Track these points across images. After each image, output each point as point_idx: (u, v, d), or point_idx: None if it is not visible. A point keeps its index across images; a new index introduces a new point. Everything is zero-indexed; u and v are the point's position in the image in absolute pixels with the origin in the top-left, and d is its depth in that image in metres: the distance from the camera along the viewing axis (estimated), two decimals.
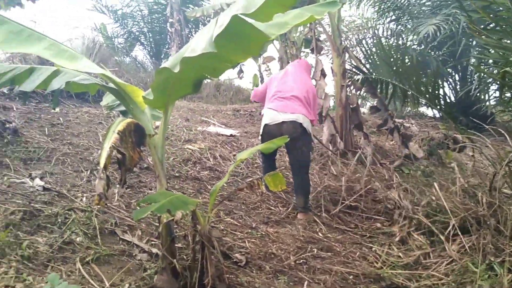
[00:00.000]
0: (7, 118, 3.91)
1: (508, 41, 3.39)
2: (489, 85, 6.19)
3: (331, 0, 2.51)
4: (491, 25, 3.83)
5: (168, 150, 4.43)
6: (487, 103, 6.89)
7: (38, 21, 9.74)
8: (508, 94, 4.22)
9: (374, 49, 6.10)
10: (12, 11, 4.14)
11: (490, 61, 5.00)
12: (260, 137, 3.92)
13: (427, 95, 4.89)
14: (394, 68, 5.42)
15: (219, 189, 2.53)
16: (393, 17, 9.52)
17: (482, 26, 3.87)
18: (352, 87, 5.40)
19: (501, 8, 3.44)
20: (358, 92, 5.70)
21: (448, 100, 7.95)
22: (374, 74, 5.59)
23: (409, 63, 6.08)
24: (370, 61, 5.91)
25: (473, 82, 6.79)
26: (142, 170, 3.86)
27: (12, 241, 2.32)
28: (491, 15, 3.49)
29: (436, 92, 5.36)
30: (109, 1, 11.19)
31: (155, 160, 2.27)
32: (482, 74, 5.94)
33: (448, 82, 8.38)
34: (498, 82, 4.24)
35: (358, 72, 5.68)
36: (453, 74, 8.45)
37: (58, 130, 4.23)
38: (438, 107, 5.42)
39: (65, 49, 2.00)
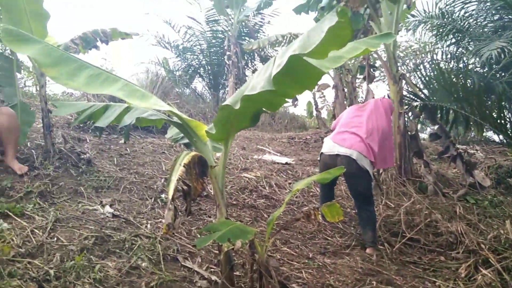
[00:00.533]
0: (82, 150, 4.27)
1: None
2: None
3: (386, 32, 2.55)
4: None
5: (226, 178, 4.57)
6: None
7: (108, 58, 10.63)
8: None
9: (432, 74, 5.94)
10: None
11: None
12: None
13: (492, 121, 4.65)
14: (455, 93, 5.24)
15: (276, 218, 2.58)
16: (453, 40, 9.24)
17: None
18: (410, 114, 5.28)
19: None
20: (417, 118, 5.55)
21: None
22: (433, 100, 5.43)
23: (471, 87, 5.84)
24: (428, 86, 5.75)
25: None
26: (202, 198, 4.01)
27: (86, 264, 2.51)
28: None
29: (502, 116, 5.08)
30: (171, 37, 11.90)
31: (215, 190, 2.39)
32: None
33: None
34: None
35: (416, 99, 5.55)
36: None
37: (125, 160, 4.54)
38: (505, 132, 5.12)
39: (137, 89, 2.20)
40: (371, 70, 5.99)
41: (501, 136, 7.84)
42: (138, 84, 9.30)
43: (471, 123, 5.53)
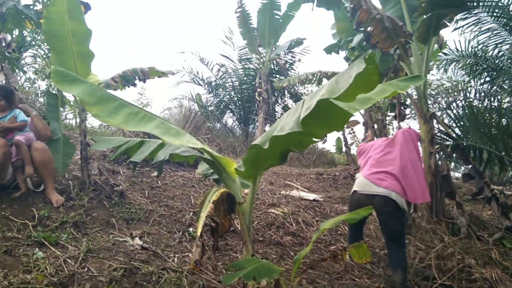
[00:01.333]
0: (116, 182, 4.43)
1: None
2: None
3: (415, 75, 2.59)
4: None
5: (253, 214, 4.58)
6: None
7: (144, 92, 11.11)
8: None
9: (464, 113, 5.85)
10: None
11: None
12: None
13: None
14: (488, 133, 5.12)
15: (302, 257, 2.56)
16: (487, 78, 9.11)
17: None
18: (441, 154, 5.17)
19: None
20: (449, 158, 5.43)
21: None
22: (465, 140, 5.32)
23: (505, 127, 5.68)
24: (460, 125, 5.66)
25: None
26: (229, 233, 4.03)
27: None
28: None
29: None
30: (205, 74, 12.34)
31: (242, 226, 2.42)
32: None
33: None
34: None
35: (448, 138, 5.46)
36: None
37: (156, 192, 4.66)
38: None
39: (171, 126, 2.32)
40: (402, 108, 5.97)
41: None
42: (171, 118, 9.64)
43: (507, 163, 5.35)
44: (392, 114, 9.14)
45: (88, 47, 3.77)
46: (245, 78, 11.95)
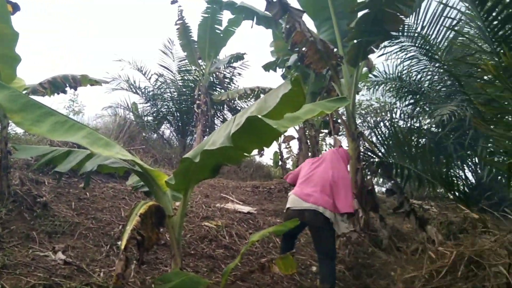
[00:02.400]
0: (39, 193, 4.17)
1: None
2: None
3: (341, 97, 2.78)
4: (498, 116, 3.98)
5: (185, 226, 4.54)
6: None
7: (76, 98, 10.54)
8: None
9: (388, 132, 6.30)
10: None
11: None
12: None
13: (441, 179, 4.95)
14: (408, 152, 5.57)
15: (232, 269, 2.60)
16: (411, 101, 9.87)
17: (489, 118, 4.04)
18: (367, 170, 5.51)
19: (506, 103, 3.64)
20: (374, 174, 5.80)
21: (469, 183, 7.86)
22: (389, 158, 5.73)
23: (425, 146, 6.20)
24: (384, 144, 6.10)
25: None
26: (160, 247, 3.96)
27: None
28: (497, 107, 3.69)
29: (450, 174, 5.40)
30: (142, 83, 12.01)
31: (172, 240, 2.42)
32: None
33: (468, 165, 8.36)
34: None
35: (374, 156, 5.84)
36: (473, 156, 8.45)
37: (84, 204, 4.45)
38: (456, 190, 5.44)
39: (101, 137, 2.26)
40: (337, 123, 6.28)
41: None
42: (104, 128, 9.27)
43: (425, 180, 5.83)
44: (326, 131, 9.59)
45: (13, 50, 3.55)
46: (184, 90, 11.85)
